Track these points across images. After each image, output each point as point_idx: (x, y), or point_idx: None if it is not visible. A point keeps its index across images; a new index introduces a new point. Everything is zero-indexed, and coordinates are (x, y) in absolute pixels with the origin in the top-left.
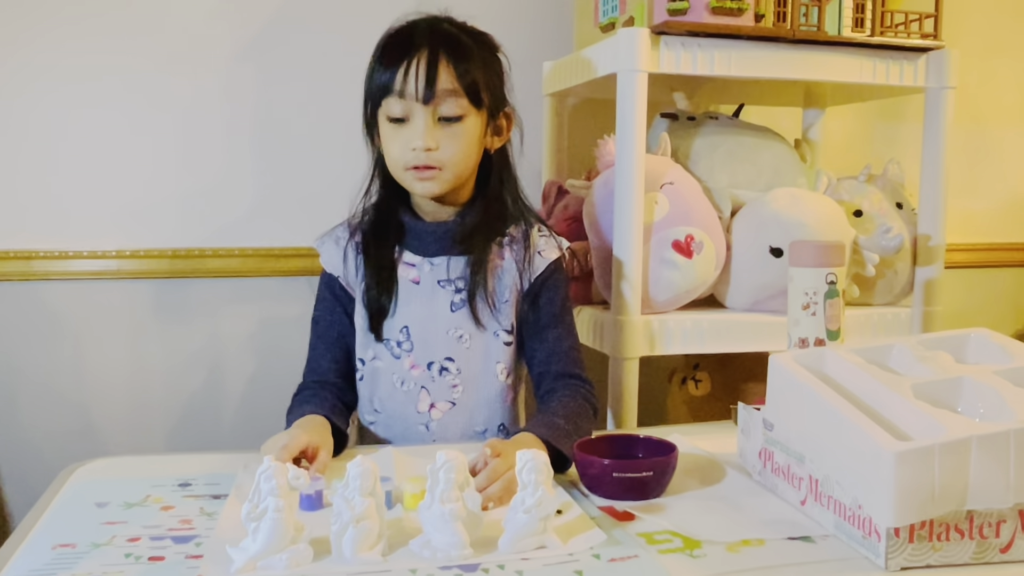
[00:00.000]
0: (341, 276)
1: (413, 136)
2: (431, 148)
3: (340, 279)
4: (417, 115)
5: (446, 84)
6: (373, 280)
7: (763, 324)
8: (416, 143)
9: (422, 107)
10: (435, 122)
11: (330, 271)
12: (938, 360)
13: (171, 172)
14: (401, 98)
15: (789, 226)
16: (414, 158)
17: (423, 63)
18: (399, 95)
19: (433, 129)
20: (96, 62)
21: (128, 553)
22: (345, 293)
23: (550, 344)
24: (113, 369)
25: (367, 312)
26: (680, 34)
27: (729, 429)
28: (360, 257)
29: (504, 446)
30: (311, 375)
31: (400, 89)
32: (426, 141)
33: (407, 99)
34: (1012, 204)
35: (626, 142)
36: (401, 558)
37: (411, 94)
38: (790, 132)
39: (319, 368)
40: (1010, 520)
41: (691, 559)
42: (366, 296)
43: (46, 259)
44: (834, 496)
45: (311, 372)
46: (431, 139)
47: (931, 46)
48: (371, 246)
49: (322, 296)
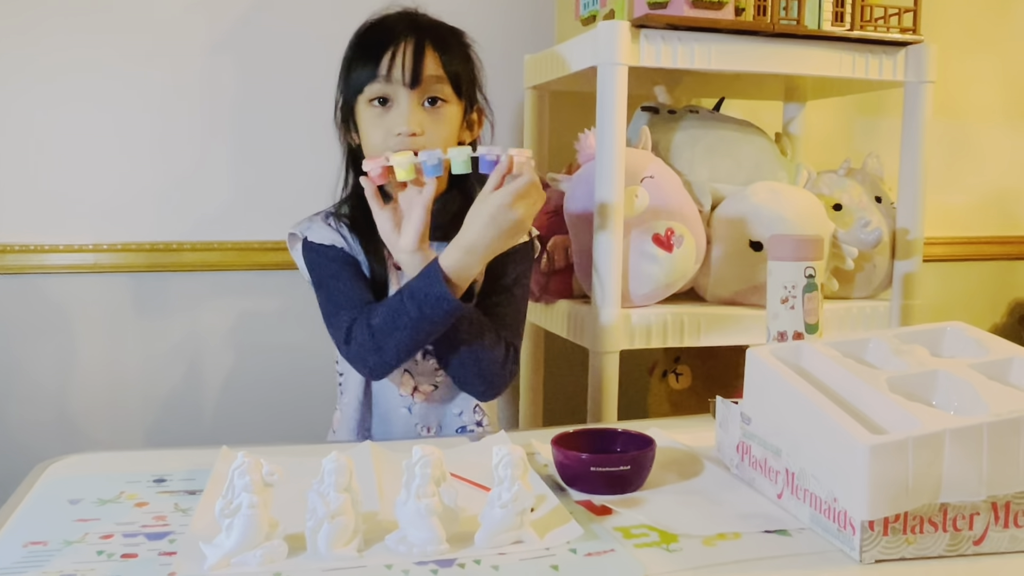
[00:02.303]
0: (345, 247)
1: (397, 121)
2: (416, 133)
3: (344, 248)
4: (401, 100)
5: (432, 70)
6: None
7: (743, 317)
8: (401, 128)
9: (408, 92)
10: (419, 107)
11: (330, 243)
12: (914, 354)
13: (149, 165)
14: (387, 82)
15: (769, 220)
16: (398, 143)
17: (410, 49)
18: (384, 79)
19: (418, 113)
20: (73, 56)
21: (100, 550)
22: (350, 256)
23: (489, 308)
24: (90, 363)
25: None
26: (660, 27)
27: (708, 423)
28: (355, 236)
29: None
30: (355, 309)
31: (386, 74)
32: (411, 125)
33: (392, 83)
34: (990, 198)
35: (606, 135)
36: (377, 554)
37: (397, 78)
38: (770, 126)
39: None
40: (983, 513)
41: (667, 553)
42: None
43: (22, 253)
44: (810, 489)
45: (353, 307)
46: (416, 124)
47: (910, 40)
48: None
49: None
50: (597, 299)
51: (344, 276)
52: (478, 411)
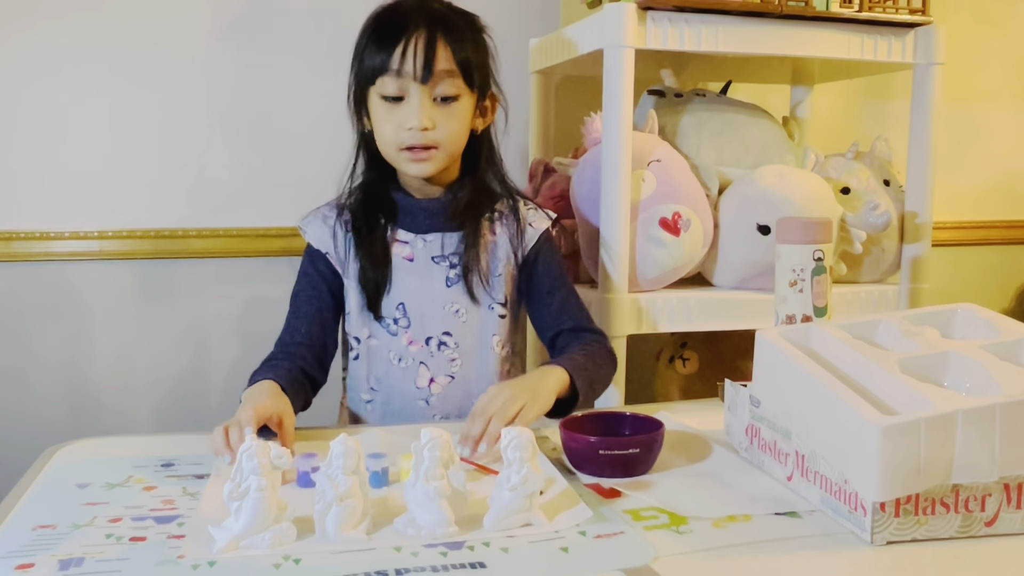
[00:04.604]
0: (330, 253)
1: (409, 115)
2: (427, 127)
3: (328, 255)
4: (413, 94)
5: (444, 64)
6: (367, 259)
7: (751, 302)
8: (412, 122)
9: (419, 86)
10: (431, 101)
11: (318, 247)
12: (924, 335)
13: (154, 152)
14: (398, 77)
15: (777, 203)
16: (410, 137)
17: (421, 42)
18: (396, 74)
19: (429, 108)
20: (78, 44)
21: (109, 534)
22: (331, 270)
23: (556, 305)
24: (97, 350)
25: (363, 291)
26: (667, 9)
27: (716, 406)
28: (350, 236)
29: (497, 390)
30: (280, 345)
31: (397, 68)
32: (422, 120)
33: (404, 78)
34: (1000, 182)
35: (613, 119)
36: (385, 536)
37: (408, 73)
38: (778, 109)
39: (290, 340)
40: (995, 494)
41: (677, 535)
42: (361, 275)
43: (28, 240)
44: (820, 471)
45: (281, 343)
46: (427, 118)
47: (919, 21)
48: (362, 225)
49: (305, 271)
50: (604, 284)
51: (299, 299)
52: None
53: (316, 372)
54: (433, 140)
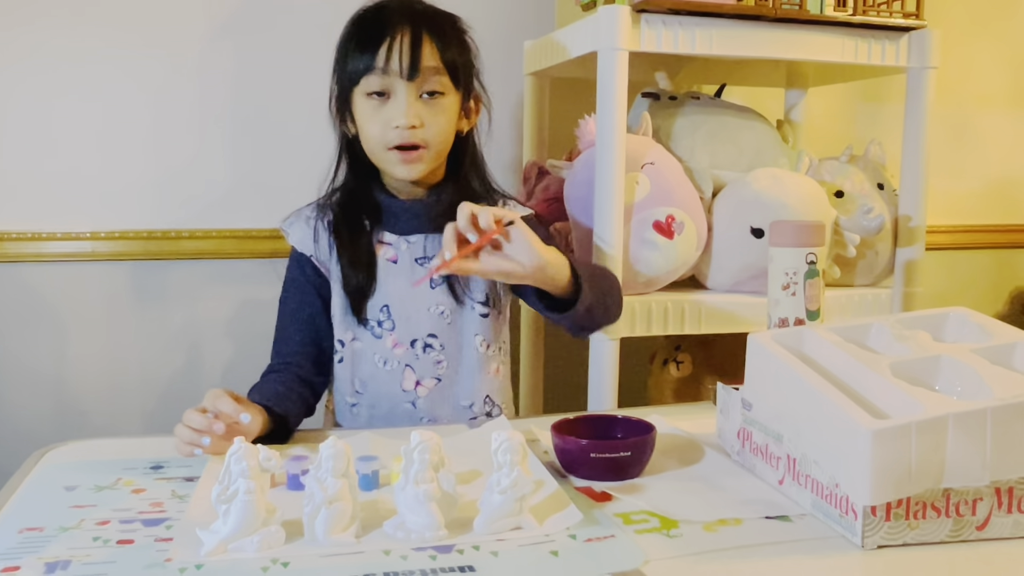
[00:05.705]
0: (313, 255)
1: (395, 114)
2: (415, 125)
3: (312, 258)
4: (399, 92)
5: (430, 61)
6: (350, 261)
7: (744, 305)
8: (399, 121)
9: (405, 84)
10: (417, 99)
11: (301, 250)
12: (916, 339)
13: (147, 153)
14: (384, 75)
15: (770, 206)
16: (397, 136)
17: (407, 40)
18: (382, 71)
19: (416, 105)
20: (71, 43)
21: (96, 536)
22: (316, 272)
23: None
24: (88, 351)
25: (346, 294)
26: (661, 12)
27: (708, 409)
28: (332, 237)
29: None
30: (278, 357)
31: (383, 66)
32: (409, 118)
33: (390, 76)
34: (993, 186)
35: (607, 122)
36: (375, 539)
37: (395, 70)
38: (772, 112)
39: (285, 350)
40: (986, 498)
41: (668, 539)
42: (344, 279)
43: (19, 240)
44: (811, 475)
45: (278, 354)
46: (414, 116)
47: (913, 25)
48: (344, 227)
49: (292, 276)
50: None
51: (288, 306)
52: (488, 402)
53: (316, 377)
54: (420, 139)
